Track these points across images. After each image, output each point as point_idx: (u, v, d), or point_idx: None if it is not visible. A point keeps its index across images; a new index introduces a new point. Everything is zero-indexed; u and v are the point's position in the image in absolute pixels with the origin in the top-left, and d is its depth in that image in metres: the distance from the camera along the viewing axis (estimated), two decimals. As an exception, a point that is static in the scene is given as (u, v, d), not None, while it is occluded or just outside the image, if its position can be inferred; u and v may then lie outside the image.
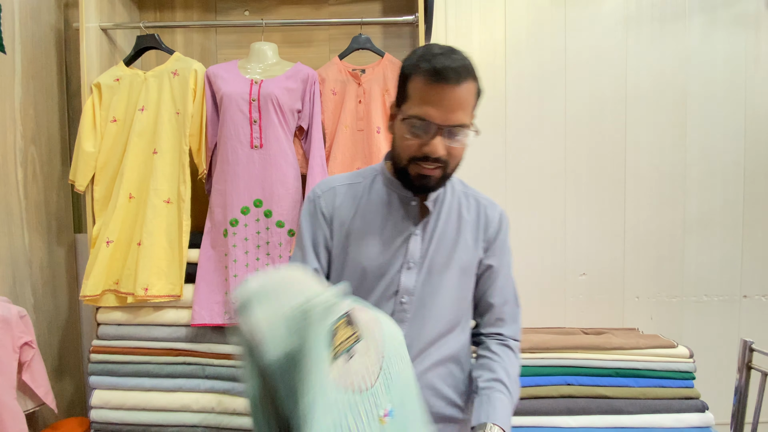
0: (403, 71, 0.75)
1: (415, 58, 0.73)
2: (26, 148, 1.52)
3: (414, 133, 0.73)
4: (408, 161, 0.75)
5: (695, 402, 1.40)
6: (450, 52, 0.72)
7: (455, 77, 0.70)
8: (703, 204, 1.69)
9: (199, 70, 1.47)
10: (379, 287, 0.79)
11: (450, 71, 0.70)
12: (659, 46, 1.68)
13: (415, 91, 0.72)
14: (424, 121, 0.71)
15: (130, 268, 1.40)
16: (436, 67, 0.69)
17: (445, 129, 0.72)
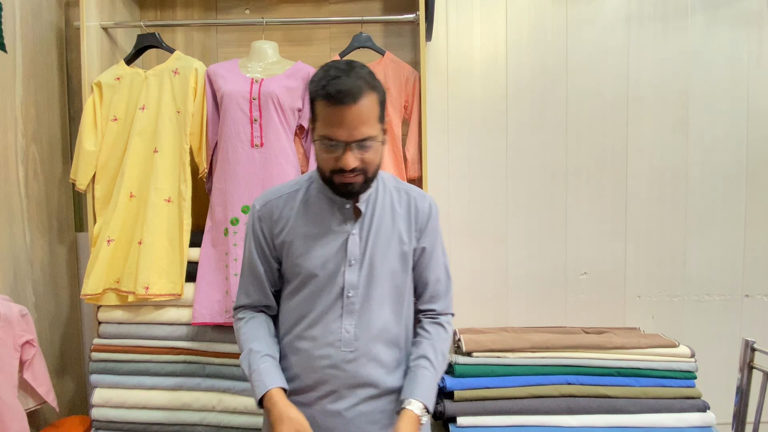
0: (310, 94, 0.83)
1: (316, 81, 0.80)
2: (27, 147, 1.52)
3: (327, 150, 0.81)
4: (330, 173, 0.84)
5: (696, 402, 1.40)
6: (346, 72, 0.79)
7: (351, 98, 0.77)
8: (704, 203, 1.69)
9: (199, 68, 1.47)
10: (327, 286, 0.88)
11: (345, 94, 0.77)
12: (661, 45, 1.67)
13: (320, 114, 0.80)
14: (332, 140, 0.80)
15: (130, 266, 1.40)
16: (330, 92, 0.77)
17: (352, 144, 0.80)
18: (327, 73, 0.80)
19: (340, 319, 0.87)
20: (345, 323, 0.87)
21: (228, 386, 1.41)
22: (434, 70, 1.69)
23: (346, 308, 0.87)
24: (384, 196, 0.92)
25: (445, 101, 1.70)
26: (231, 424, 1.40)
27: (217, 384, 1.41)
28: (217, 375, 1.41)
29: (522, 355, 1.45)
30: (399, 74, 1.51)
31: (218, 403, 1.40)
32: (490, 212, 1.70)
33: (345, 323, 0.87)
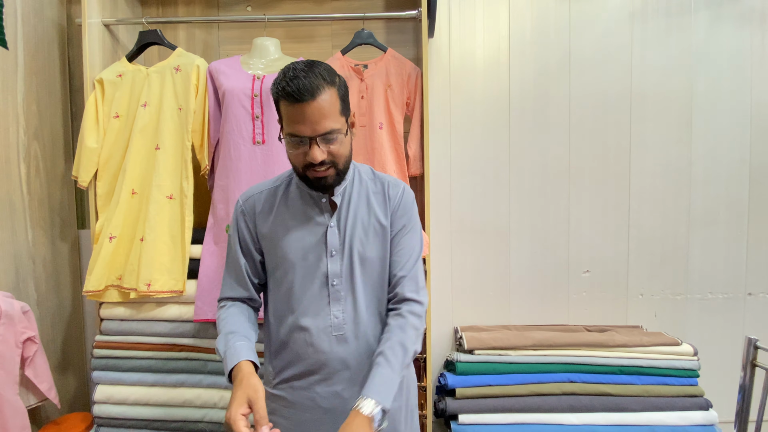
0: (272, 96, 0.87)
1: (277, 82, 0.84)
2: (29, 144, 1.52)
3: (294, 147, 0.86)
4: (302, 169, 0.88)
5: (699, 400, 1.40)
6: (303, 71, 0.83)
7: (309, 94, 0.81)
8: (707, 201, 1.68)
9: (201, 65, 1.47)
10: (312, 276, 0.92)
11: (303, 91, 0.81)
12: (664, 42, 1.66)
13: (284, 113, 0.85)
14: (297, 136, 0.84)
15: (132, 263, 1.40)
16: (289, 91, 0.81)
17: (317, 138, 0.84)
18: (286, 74, 0.83)
19: (329, 306, 0.92)
20: (333, 310, 0.92)
21: (229, 383, 1.40)
22: (436, 66, 1.68)
23: (332, 296, 0.92)
24: (360, 187, 0.96)
25: (447, 98, 1.69)
26: (233, 421, 1.40)
27: (218, 381, 1.41)
28: (219, 372, 1.41)
29: (524, 352, 1.44)
30: (401, 71, 1.51)
31: (220, 400, 1.40)
32: (492, 209, 1.69)
33: (333, 310, 0.92)
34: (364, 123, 1.50)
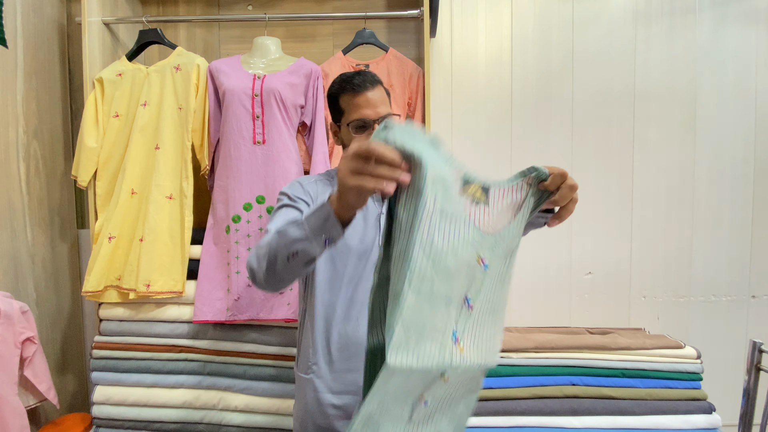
0: (332, 94, 1.00)
1: (338, 83, 0.99)
2: (29, 143, 1.51)
3: (359, 131, 0.95)
4: None
5: (702, 403, 1.38)
6: (360, 72, 0.99)
7: (370, 84, 0.96)
8: (711, 203, 1.67)
9: (201, 65, 1.46)
10: (366, 260, 0.96)
11: (367, 81, 0.96)
12: (668, 42, 1.65)
13: (348, 105, 0.97)
14: (363, 119, 0.94)
15: (132, 264, 1.39)
16: (354, 81, 0.96)
17: (378, 120, 0.94)
18: (345, 75, 0.98)
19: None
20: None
21: (229, 384, 1.40)
22: (438, 66, 1.67)
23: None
24: None
25: (449, 98, 1.68)
26: (232, 423, 1.39)
27: (218, 382, 1.40)
28: (218, 373, 1.41)
29: (525, 355, 1.43)
30: (403, 71, 1.50)
31: (219, 401, 1.40)
32: (494, 211, 1.68)
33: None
34: (365, 123, 1.49)
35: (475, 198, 0.63)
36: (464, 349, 0.61)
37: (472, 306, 0.63)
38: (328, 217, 0.67)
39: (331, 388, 0.95)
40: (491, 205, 0.64)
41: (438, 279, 0.58)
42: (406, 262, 0.56)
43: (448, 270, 0.59)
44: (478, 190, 0.64)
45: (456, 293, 0.61)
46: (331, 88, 1.00)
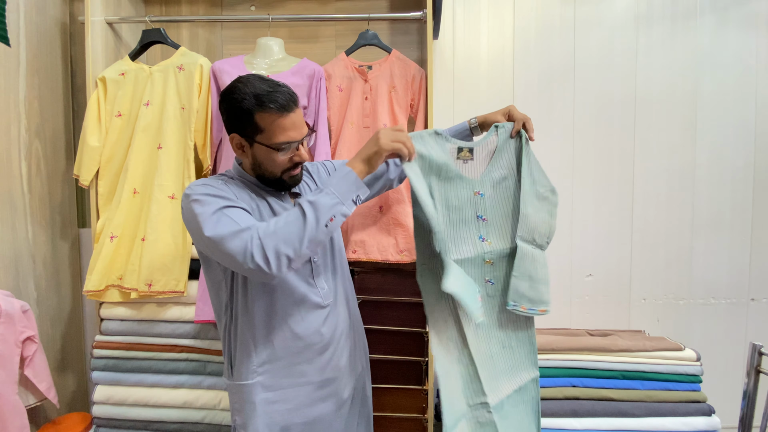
0: (242, 108, 0.89)
1: (251, 96, 0.89)
2: (30, 142, 1.51)
3: (284, 153, 0.92)
4: (281, 173, 0.95)
5: (702, 406, 1.38)
6: (276, 85, 0.91)
7: (294, 104, 0.91)
8: (711, 206, 1.67)
9: (204, 65, 1.46)
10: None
11: (290, 102, 0.90)
12: (670, 46, 1.66)
13: (270, 124, 0.90)
14: (290, 143, 0.91)
15: (133, 263, 1.39)
16: (282, 101, 0.89)
17: (303, 140, 0.95)
18: (259, 87, 0.89)
19: (314, 278, 0.99)
20: (318, 282, 1.00)
21: (230, 385, 1.40)
22: (441, 68, 1.68)
23: (315, 270, 1.00)
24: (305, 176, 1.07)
25: (451, 100, 1.69)
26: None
27: (219, 382, 1.40)
28: (219, 373, 1.41)
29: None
30: (405, 72, 1.50)
31: (219, 402, 1.40)
32: (495, 213, 1.68)
33: (318, 282, 1.00)
34: (368, 124, 1.49)
35: (465, 158, 1.07)
36: (491, 243, 1.06)
37: (485, 219, 1.07)
38: (355, 180, 0.89)
39: (281, 384, 0.95)
40: (476, 158, 1.08)
41: (450, 212, 1.05)
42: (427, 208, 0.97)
43: (455, 205, 1.05)
44: (467, 152, 1.08)
45: (468, 216, 1.06)
46: (241, 101, 0.88)
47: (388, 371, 1.44)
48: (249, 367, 0.95)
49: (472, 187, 1.06)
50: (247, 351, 0.94)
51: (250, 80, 0.90)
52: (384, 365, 1.44)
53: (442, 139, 1.06)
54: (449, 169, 1.04)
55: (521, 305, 1.03)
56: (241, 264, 0.81)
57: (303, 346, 0.96)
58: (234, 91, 0.90)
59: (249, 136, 0.91)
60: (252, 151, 0.93)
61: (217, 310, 0.98)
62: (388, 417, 1.45)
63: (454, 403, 0.99)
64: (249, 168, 0.97)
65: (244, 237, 0.81)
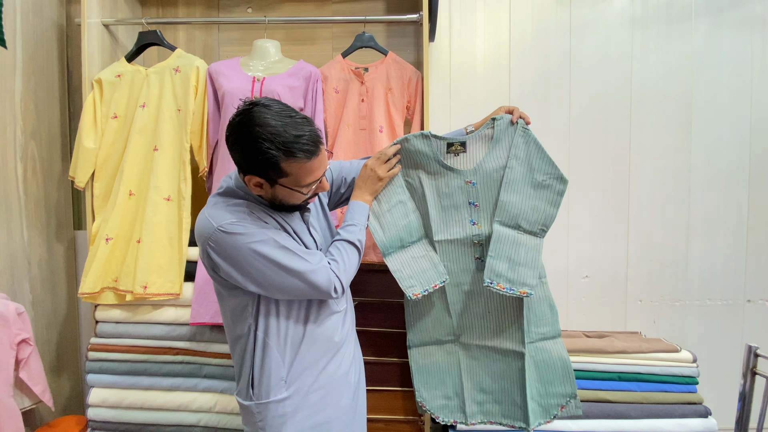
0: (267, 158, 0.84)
1: (278, 147, 0.83)
2: (26, 144, 1.51)
3: (309, 190, 0.92)
4: (303, 202, 0.96)
5: (698, 407, 1.39)
6: (297, 125, 0.85)
7: (321, 144, 0.89)
8: (707, 207, 1.68)
9: (201, 66, 1.46)
10: None
11: (318, 145, 0.88)
12: (665, 48, 1.66)
13: (298, 171, 0.88)
14: (315, 182, 0.92)
15: (129, 265, 1.39)
16: (309, 149, 0.86)
17: (324, 173, 0.95)
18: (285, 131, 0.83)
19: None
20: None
21: (225, 387, 1.39)
22: (437, 70, 1.68)
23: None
24: None
25: (447, 102, 1.69)
26: (228, 426, 1.39)
27: (214, 385, 1.40)
28: (215, 376, 1.40)
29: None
30: (401, 74, 1.50)
31: (215, 404, 1.39)
32: (492, 214, 1.69)
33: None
34: (364, 126, 1.49)
35: (457, 151, 1.18)
36: (481, 226, 1.19)
37: (477, 205, 1.19)
38: (367, 213, 1.11)
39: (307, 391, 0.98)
40: (468, 151, 1.18)
41: (442, 198, 1.19)
42: (423, 197, 1.19)
43: (445, 192, 1.19)
44: (458, 146, 1.18)
45: (460, 202, 1.19)
46: (265, 151, 0.82)
47: (382, 373, 1.44)
48: (278, 384, 0.96)
49: (464, 177, 1.18)
50: (274, 369, 0.96)
51: (270, 123, 0.82)
52: (378, 367, 1.44)
53: (428, 139, 1.17)
54: (436, 164, 1.17)
55: (498, 283, 1.13)
56: (326, 293, 0.95)
57: (326, 351, 1.00)
58: (253, 137, 0.82)
59: (272, 179, 0.88)
60: (273, 190, 0.91)
61: (234, 334, 0.98)
62: (383, 419, 1.45)
63: (422, 332, 1.26)
64: (266, 200, 0.95)
65: (325, 272, 0.95)
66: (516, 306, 1.20)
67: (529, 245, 1.14)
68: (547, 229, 1.16)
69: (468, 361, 1.26)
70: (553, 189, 1.16)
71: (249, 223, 0.90)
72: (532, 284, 1.12)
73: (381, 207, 1.16)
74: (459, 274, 1.22)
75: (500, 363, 1.23)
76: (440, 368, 1.27)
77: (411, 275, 1.16)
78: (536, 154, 1.16)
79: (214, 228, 0.88)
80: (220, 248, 0.88)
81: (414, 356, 1.28)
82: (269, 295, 0.93)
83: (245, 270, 0.89)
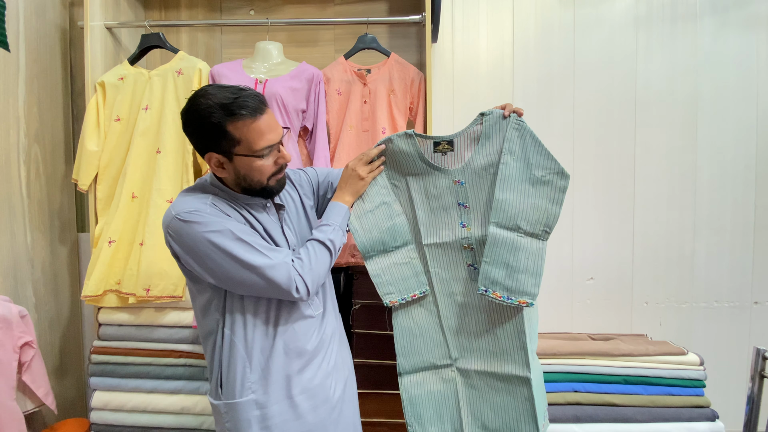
0: (212, 123, 0.86)
1: (218, 108, 0.85)
2: (29, 147, 1.51)
3: (267, 158, 0.90)
4: (268, 179, 0.93)
5: (705, 411, 1.36)
6: (239, 90, 0.87)
7: (264, 105, 0.89)
8: (713, 208, 1.66)
9: (203, 69, 1.46)
10: None
11: (260, 104, 0.88)
12: (670, 48, 1.65)
13: (246, 132, 0.87)
14: (270, 146, 0.90)
15: (132, 268, 1.38)
16: (250, 106, 0.86)
17: (282, 140, 0.93)
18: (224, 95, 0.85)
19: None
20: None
21: (229, 390, 1.39)
22: (440, 71, 1.67)
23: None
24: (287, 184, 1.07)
25: (450, 103, 1.68)
26: (231, 429, 1.38)
27: (217, 388, 1.39)
28: (218, 379, 1.39)
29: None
30: (404, 75, 1.50)
31: (219, 407, 1.38)
32: (495, 216, 1.68)
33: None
34: (367, 128, 1.49)
35: (444, 150, 1.10)
36: (471, 229, 1.09)
37: (467, 206, 1.09)
38: (347, 214, 1.05)
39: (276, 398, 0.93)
40: (456, 149, 1.10)
41: (430, 200, 1.11)
42: (409, 200, 1.11)
43: (433, 193, 1.10)
44: (445, 145, 1.10)
45: (448, 203, 1.10)
46: (208, 116, 0.85)
47: (382, 376, 1.43)
48: (244, 384, 0.93)
49: (451, 176, 1.09)
50: (240, 368, 0.93)
51: (209, 92, 0.86)
52: (378, 370, 1.43)
53: (413, 138, 1.09)
54: (422, 163, 1.10)
55: (493, 292, 1.02)
56: (285, 292, 0.90)
57: (296, 357, 0.95)
58: (197, 109, 0.86)
59: (226, 151, 0.88)
60: (233, 165, 0.90)
61: (204, 330, 0.97)
62: (386, 423, 1.43)
63: (413, 356, 1.13)
64: (233, 184, 0.93)
65: (286, 269, 0.89)
66: (516, 319, 1.06)
67: (530, 249, 1.02)
68: (550, 230, 1.04)
69: (467, 391, 1.11)
70: (553, 185, 1.06)
71: (207, 213, 0.88)
72: (533, 293, 1.01)
73: (363, 206, 1.08)
74: (451, 282, 1.11)
75: (503, 394, 1.08)
76: (435, 399, 1.12)
77: (390, 282, 1.09)
78: (533, 148, 1.05)
79: (172, 216, 0.88)
80: (179, 237, 0.88)
81: (405, 385, 1.12)
82: (230, 289, 0.91)
83: (202, 261, 0.88)
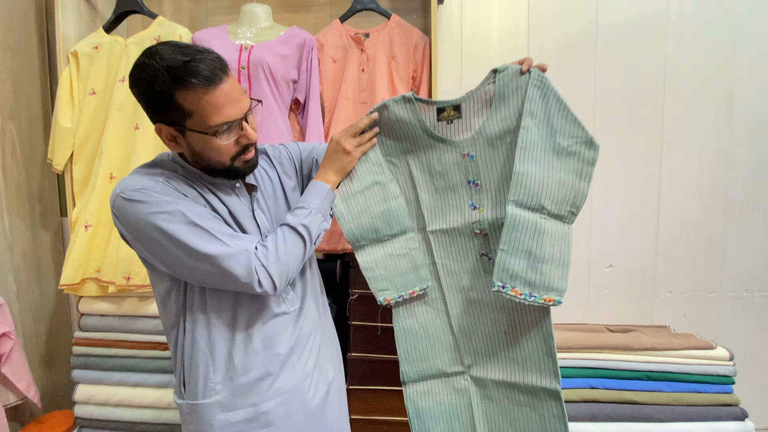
0: (156, 90, 0.73)
1: (164, 72, 0.71)
2: (4, 126, 1.42)
3: (225, 137, 0.77)
4: (231, 160, 0.80)
5: (734, 409, 1.29)
6: (196, 51, 0.72)
7: (222, 72, 0.74)
8: (747, 188, 1.55)
9: (184, 35, 1.36)
10: None
11: (217, 71, 0.73)
12: (704, 7, 1.51)
13: (198, 104, 0.73)
14: (229, 122, 0.75)
15: (111, 254, 1.31)
16: (202, 73, 0.71)
17: (246, 117, 0.78)
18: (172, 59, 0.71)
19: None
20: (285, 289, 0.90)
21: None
22: (447, 36, 1.55)
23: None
24: (261, 162, 0.95)
25: (458, 72, 1.56)
26: (222, 425, 1.31)
27: (206, 382, 1.32)
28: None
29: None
30: (407, 40, 1.36)
31: (208, 401, 1.31)
32: (506, 198, 1.57)
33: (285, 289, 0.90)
34: (365, 99, 1.36)
35: (450, 117, 0.92)
36: (483, 211, 0.94)
37: (478, 184, 0.94)
38: (332, 195, 0.90)
39: (242, 402, 0.84)
40: (464, 115, 0.92)
41: (435, 179, 0.95)
42: (410, 179, 0.96)
43: (438, 171, 0.94)
44: (451, 111, 0.92)
45: (457, 181, 0.94)
46: (152, 80, 0.72)
47: (381, 371, 1.36)
48: (207, 385, 0.83)
49: (459, 149, 0.92)
50: (203, 367, 0.84)
51: (159, 52, 0.72)
52: (378, 365, 1.36)
53: (412, 103, 0.91)
54: (424, 134, 0.93)
55: (512, 288, 0.85)
56: (246, 285, 0.78)
57: (265, 359, 0.85)
58: (142, 70, 0.72)
59: (177, 124, 0.75)
60: (186, 141, 0.77)
61: (166, 322, 0.87)
62: (387, 421, 1.37)
63: (419, 362, 0.98)
64: (192, 161, 0.82)
65: (246, 258, 0.77)
66: (542, 319, 0.91)
67: (555, 234, 0.86)
68: (577, 211, 0.88)
69: (483, 404, 0.97)
70: (581, 157, 0.89)
71: (156, 192, 0.76)
72: (561, 288, 0.85)
73: (351, 186, 0.91)
74: (461, 275, 0.96)
75: (526, 409, 0.93)
76: (446, 413, 0.98)
77: (385, 276, 0.94)
78: (558, 112, 0.87)
79: (117, 194, 0.77)
80: (123, 217, 0.77)
81: (411, 395, 0.98)
82: (183, 279, 0.81)
83: (149, 245, 0.77)
